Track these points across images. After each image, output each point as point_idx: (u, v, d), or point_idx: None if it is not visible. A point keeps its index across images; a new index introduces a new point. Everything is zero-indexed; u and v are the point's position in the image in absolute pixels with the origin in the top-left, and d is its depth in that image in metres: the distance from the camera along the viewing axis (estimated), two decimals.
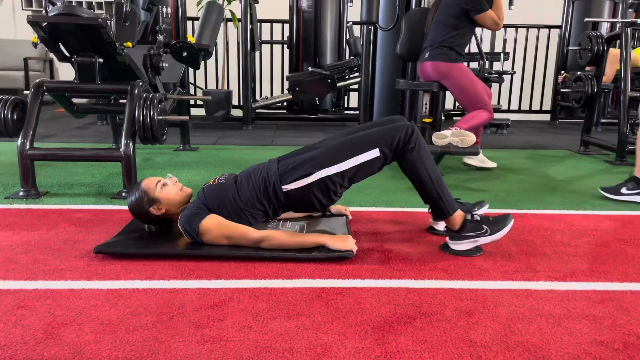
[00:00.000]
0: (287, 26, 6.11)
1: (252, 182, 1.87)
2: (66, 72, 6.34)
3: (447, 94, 3.45)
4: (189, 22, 5.75)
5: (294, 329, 1.32)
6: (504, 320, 1.39)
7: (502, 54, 5.15)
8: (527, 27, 6.32)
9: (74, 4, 3.50)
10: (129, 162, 2.52)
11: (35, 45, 2.56)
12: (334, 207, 2.20)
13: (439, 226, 2.08)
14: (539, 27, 6.35)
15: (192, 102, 5.95)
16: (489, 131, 5.38)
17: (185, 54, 3.66)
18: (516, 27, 6.22)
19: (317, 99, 5.45)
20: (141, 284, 1.57)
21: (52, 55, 5.54)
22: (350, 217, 2.22)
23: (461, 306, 1.47)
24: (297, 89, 5.34)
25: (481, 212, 2.02)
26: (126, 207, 1.99)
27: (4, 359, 1.17)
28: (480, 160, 3.39)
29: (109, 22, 2.45)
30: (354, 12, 4.66)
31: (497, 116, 5.13)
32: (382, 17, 3.74)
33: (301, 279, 1.62)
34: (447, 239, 1.90)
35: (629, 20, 3.70)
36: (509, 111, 6.39)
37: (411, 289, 1.56)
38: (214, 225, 1.77)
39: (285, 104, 5.89)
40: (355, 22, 5.41)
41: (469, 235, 1.83)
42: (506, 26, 5.96)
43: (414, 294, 1.53)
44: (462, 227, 1.85)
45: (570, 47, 5.82)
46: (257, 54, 5.96)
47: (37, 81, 2.61)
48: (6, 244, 1.89)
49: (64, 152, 2.82)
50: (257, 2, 5.52)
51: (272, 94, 6.37)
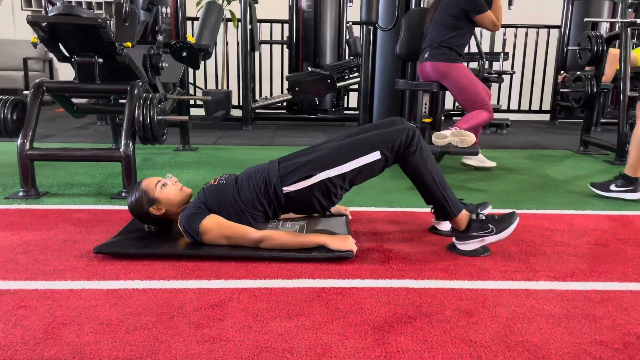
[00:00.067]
0: (286, 26, 6.12)
1: (252, 183, 1.87)
2: (66, 72, 6.35)
3: (447, 94, 3.45)
4: (189, 22, 5.75)
5: (294, 329, 1.32)
6: (504, 320, 1.39)
7: (502, 54, 5.15)
8: (527, 27, 6.32)
9: (73, 4, 3.50)
10: (128, 162, 2.52)
11: (35, 45, 2.55)
12: (334, 207, 2.20)
13: (441, 226, 2.08)
14: (538, 27, 6.35)
15: (192, 102, 5.95)
16: (488, 131, 5.38)
17: (184, 54, 3.66)
18: (516, 27, 6.23)
19: (316, 99, 5.45)
20: (141, 284, 1.57)
21: (51, 55, 5.56)
22: (350, 217, 2.22)
23: (461, 306, 1.47)
24: (297, 89, 5.34)
25: (485, 212, 2.02)
26: (126, 207, 1.99)
27: (4, 359, 1.17)
28: (479, 160, 3.38)
29: (108, 22, 2.45)
30: (354, 12, 4.66)
31: (497, 116, 5.13)
32: (382, 17, 3.73)
33: (301, 279, 1.62)
34: (453, 239, 1.90)
35: (629, 20, 3.69)
36: (509, 111, 6.39)
37: (411, 289, 1.56)
38: (214, 225, 1.77)
39: (285, 104, 5.89)
40: (354, 22, 5.42)
41: (476, 235, 1.83)
42: (506, 26, 5.97)
43: (414, 294, 1.53)
44: (468, 227, 1.85)
45: (569, 47, 5.84)
46: (257, 54, 5.96)
47: (37, 81, 2.61)
48: (6, 244, 1.89)
49: (64, 152, 2.82)
50: (257, 2, 5.51)
51: (271, 94, 6.37)
